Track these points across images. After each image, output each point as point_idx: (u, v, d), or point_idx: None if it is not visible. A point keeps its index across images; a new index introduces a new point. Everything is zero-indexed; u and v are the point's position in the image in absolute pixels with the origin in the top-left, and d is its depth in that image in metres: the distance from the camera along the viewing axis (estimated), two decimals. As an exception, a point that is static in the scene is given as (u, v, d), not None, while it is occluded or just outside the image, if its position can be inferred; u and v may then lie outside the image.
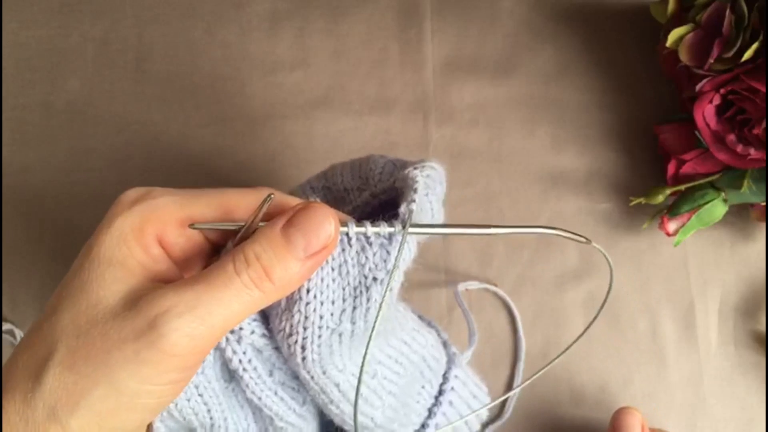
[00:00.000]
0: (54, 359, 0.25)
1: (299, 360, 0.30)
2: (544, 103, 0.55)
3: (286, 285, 0.28)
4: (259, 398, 0.33)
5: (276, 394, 0.33)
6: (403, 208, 0.30)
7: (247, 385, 0.32)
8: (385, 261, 0.30)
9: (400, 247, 0.30)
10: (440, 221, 0.34)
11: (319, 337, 0.30)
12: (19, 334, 0.50)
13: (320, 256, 0.28)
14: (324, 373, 0.32)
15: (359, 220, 0.32)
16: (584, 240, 0.33)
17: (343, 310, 0.30)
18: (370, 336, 0.29)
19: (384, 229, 0.30)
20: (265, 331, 0.32)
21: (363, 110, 0.54)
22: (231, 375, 0.33)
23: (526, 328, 0.51)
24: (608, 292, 0.35)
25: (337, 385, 0.33)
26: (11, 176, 0.53)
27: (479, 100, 0.55)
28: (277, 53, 0.55)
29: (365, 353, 0.29)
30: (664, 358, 0.51)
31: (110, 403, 0.25)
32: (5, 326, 0.50)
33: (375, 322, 0.29)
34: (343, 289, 0.30)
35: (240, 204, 0.29)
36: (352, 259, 0.30)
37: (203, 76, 0.55)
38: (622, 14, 0.56)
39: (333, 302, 0.30)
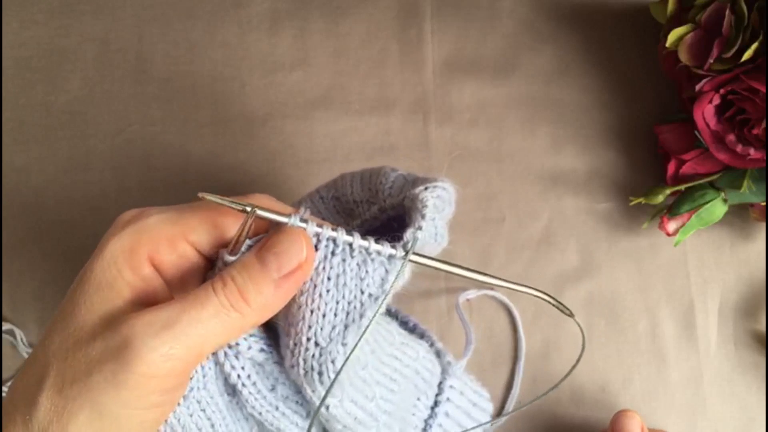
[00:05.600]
0: (47, 383, 0.26)
1: (300, 374, 0.30)
2: (544, 103, 0.55)
3: (262, 306, 0.28)
4: (260, 413, 0.33)
5: (277, 409, 0.33)
6: (408, 235, 0.30)
7: (246, 401, 0.32)
8: (382, 279, 0.30)
9: (399, 272, 0.29)
10: (444, 243, 0.34)
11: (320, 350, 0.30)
12: (19, 333, 0.50)
13: (295, 278, 0.28)
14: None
15: (367, 233, 0.31)
16: (568, 312, 0.36)
17: (334, 327, 0.30)
18: (350, 353, 0.29)
19: (386, 249, 0.29)
20: (264, 347, 0.32)
21: (363, 110, 0.54)
22: (234, 389, 0.33)
23: (526, 328, 0.51)
24: (577, 361, 0.38)
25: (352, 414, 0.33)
26: (11, 176, 0.53)
27: (479, 100, 0.55)
28: (277, 53, 0.55)
29: (341, 366, 0.29)
30: (664, 358, 0.51)
31: (95, 426, 0.26)
32: (5, 326, 0.50)
33: (359, 338, 0.29)
34: (337, 303, 0.29)
35: (230, 215, 0.30)
36: (352, 270, 0.29)
37: (203, 76, 0.55)
38: (622, 14, 0.56)
39: (324, 315, 0.29)
